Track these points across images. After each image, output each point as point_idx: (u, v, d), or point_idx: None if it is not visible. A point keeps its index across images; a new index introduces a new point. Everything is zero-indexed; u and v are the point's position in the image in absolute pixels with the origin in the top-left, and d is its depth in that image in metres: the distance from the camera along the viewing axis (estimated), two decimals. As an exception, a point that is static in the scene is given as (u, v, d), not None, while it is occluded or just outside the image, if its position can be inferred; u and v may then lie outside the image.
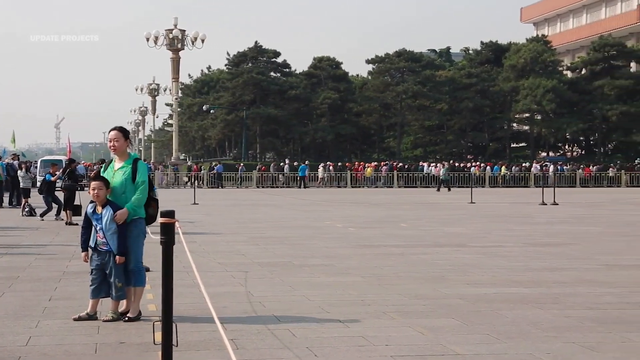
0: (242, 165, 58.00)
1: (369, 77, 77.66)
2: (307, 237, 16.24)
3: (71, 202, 19.88)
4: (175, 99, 65.13)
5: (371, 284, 9.86)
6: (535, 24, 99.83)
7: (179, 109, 71.90)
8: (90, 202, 7.66)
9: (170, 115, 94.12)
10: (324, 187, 53.31)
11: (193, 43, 58.70)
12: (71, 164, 21.82)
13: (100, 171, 7.92)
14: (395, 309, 8.08)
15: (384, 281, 10.05)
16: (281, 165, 57.56)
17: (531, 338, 6.80)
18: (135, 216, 7.56)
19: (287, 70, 77.64)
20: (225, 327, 6.94)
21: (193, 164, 62.42)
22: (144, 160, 8.45)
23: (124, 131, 7.78)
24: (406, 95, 72.75)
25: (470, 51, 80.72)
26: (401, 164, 59.56)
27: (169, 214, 5.68)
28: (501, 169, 57.83)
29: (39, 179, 29.92)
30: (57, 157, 53.16)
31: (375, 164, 59.39)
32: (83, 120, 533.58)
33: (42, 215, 21.29)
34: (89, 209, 7.63)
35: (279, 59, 77.13)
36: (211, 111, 76.66)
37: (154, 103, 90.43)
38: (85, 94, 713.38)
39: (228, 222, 20.72)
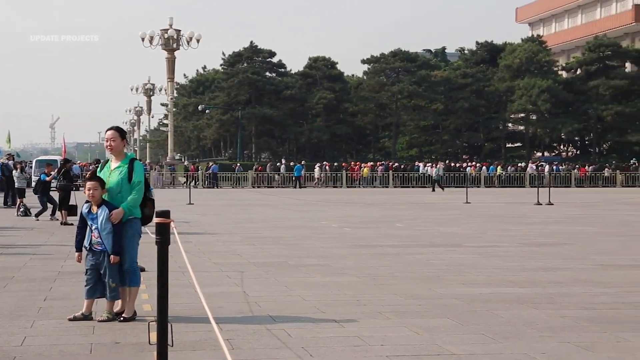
0: (239, 165, 57.99)
1: (365, 77, 77.67)
2: (303, 237, 16.24)
3: (66, 202, 19.85)
4: (171, 99, 64.99)
5: (367, 284, 9.86)
6: (531, 24, 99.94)
7: (174, 109, 71.69)
8: (86, 202, 7.66)
9: (166, 115, 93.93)
10: (321, 187, 53.32)
11: (188, 43, 58.57)
12: (66, 164, 21.82)
13: (96, 171, 7.91)
14: (391, 309, 8.09)
15: (379, 281, 10.06)
16: (277, 165, 57.55)
17: (526, 338, 6.81)
18: (130, 216, 7.56)
19: (283, 70, 77.61)
20: (221, 327, 6.93)
21: (190, 164, 62.33)
22: (140, 160, 8.40)
23: (120, 131, 7.77)
24: (401, 95, 72.78)
25: (465, 51, 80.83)
26: (397, 164, 59.58)
27: (164, 214, 5.68)
28: (497, 169, 57.90)
29: (34, 179, 29.90)
30: (52, 157, 52.97)
31: (372, 164, 59.40)
32: (78, 120, 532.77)
33: (37, 215, 21.27)
34: (85, 209, 7.63)
35: (275, 59, 77.16)
36: (206, 111, 76.62)
37: (150, 103, 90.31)
38: (80, 94, 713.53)
39: (224, 222, 20.71)
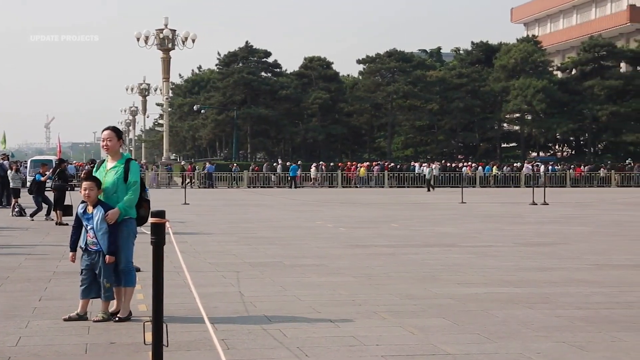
0: (236, 165, 57.96)
1: (360, 77, 77.69)
2: (298, 237, 16.24)
3: (61, 202, 19.84)
4: (166, 98, 65.00)
5: (362, 284, 9.86)
6: (526, 24, 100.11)
7: (169, 109, 71.77)
8: (82, 202, 7.65)
9: (161, 115, 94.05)
10: (317, 187, 53.32)
11: (184, 43, 58.58)
12: (61, 164, 21.79)
13: (92, 171, 7.90)
14: (386, 309, 8.09)
15: (374, 281, 10.06)
16: (274, 165, 57.54)
17: (521, 338, 6.81)
18: (126, 216, 7.55)
19: (278, 70, 77.62)
20: (216, 327, 6.94)
21: (187, 164, 62.31)
22: (136, 160, 8.37)
23: (117, 131, 7.77)
24: (397, 96, 72.83)
25: (460, 51, 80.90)
26: (392, 164, 59.61)
27: (160, 214, 5.67)
28: (492, 169, 57.97)
29: (29, 179, 29.82)
30: (47, 157, 52.96)
31: (368, 164, 59.43)
32: (73, 120, 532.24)
33: (32, 215, 21.24)
34: (80, 209, 7.62)
35: (270, 59, 77.13)
36: (202, 111, 76.59)
37: (145, 103, 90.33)
38: (75, 93, 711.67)
39: (219, 222, 20.70)
